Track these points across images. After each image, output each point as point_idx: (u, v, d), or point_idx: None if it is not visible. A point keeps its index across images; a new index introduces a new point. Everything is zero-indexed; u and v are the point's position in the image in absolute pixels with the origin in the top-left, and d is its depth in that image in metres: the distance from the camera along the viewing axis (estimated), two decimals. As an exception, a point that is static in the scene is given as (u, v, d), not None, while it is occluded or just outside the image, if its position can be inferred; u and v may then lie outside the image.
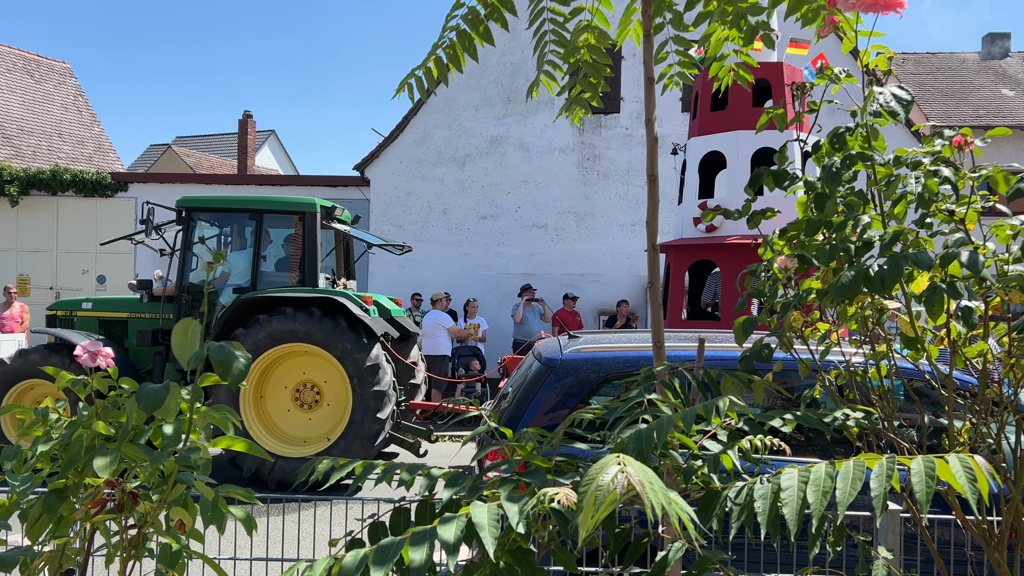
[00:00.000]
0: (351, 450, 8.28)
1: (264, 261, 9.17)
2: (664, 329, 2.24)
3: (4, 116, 25.52)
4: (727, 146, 9.11)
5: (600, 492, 0.96)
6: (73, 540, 1.80)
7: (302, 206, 9.03)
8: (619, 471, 0.99)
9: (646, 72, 2.09)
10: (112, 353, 1.92)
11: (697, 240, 9.11)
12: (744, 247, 8.75)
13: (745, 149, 8.94)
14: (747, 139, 8.89)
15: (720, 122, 9.32)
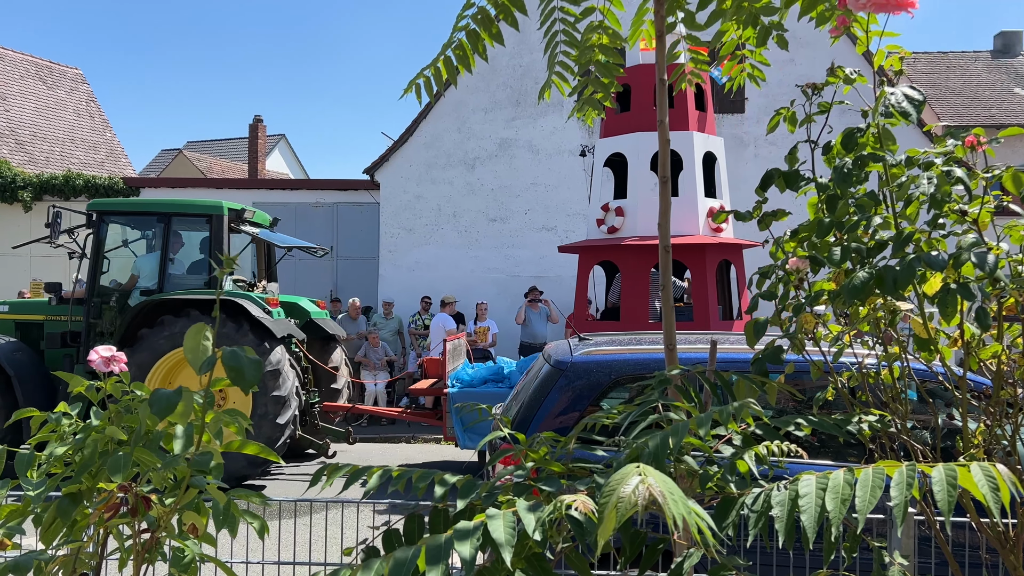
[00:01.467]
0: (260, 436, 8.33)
1: (173, 264, 9.29)
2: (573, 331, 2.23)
3: (17, 122, 25.73)
4: (629, 148, 9.12)
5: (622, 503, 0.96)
6: (87, 544, 1.81)
7: (209, 209, 9.19)
8: (640, 482, 0.99)
9: (658, 73, 2.08)
10: (124, 358, 1.93)
11: (600, 241, 9.11)
12: (642, 248, 8.71)
13: (646, 151, 8.94)
14: (648, 141, 8.90)
15: (624, 124, 9.32)
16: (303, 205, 16.96)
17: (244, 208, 9.51)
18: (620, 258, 9.08)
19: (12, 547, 1.94)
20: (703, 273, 8.69)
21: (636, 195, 9.05)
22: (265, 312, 8.64)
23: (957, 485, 1.13)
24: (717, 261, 9.06)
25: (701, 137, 9.04)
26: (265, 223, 10.14)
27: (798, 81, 2.54)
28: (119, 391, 1.91)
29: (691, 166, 8.97)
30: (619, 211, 9.06)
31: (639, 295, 8.81)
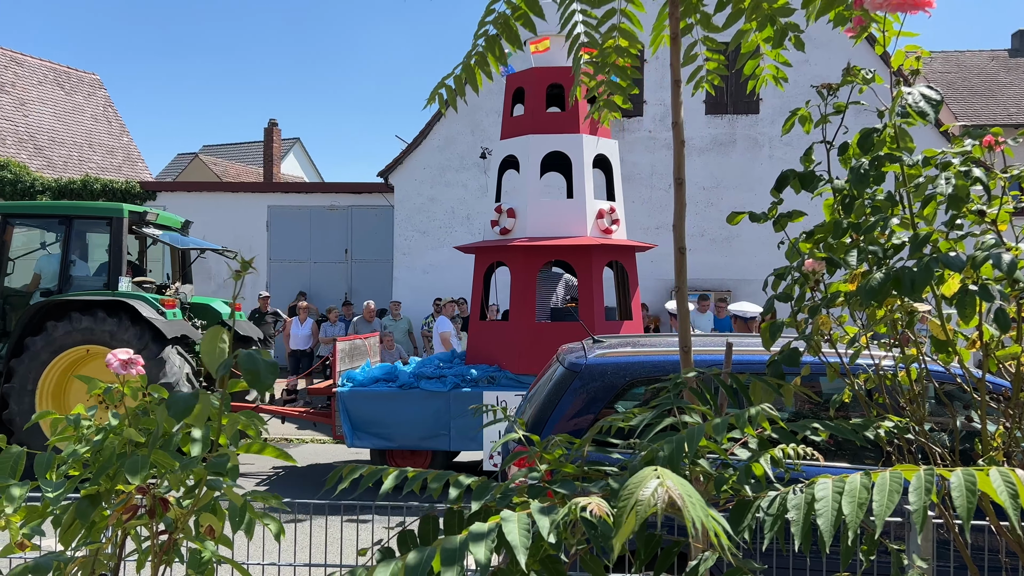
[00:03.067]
0: None
1: (75, 266, 9.43)
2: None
3: (36, 127, 26.02)
4: (520, 150, 9.25)
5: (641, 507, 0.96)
6: (105, 545, 1.82)
7: (109, 212, 9.35)
8: (658, 484, 0.98)
9: (673, 75, 2.08)
10: (143, 360, 1.94)
11: (493, 243, 9.26)
12: (529, 249, 8.82)
13: (536, 153, 9.08)
14: (537, 143, 9.06)
15: (517, 127, 9.45)
16: (318, 208, 17.05)
17: (147, 211, 9.72)
18: (509, 259, 9.23)
19: (32, 548, 1.96)
20: (589, 274, 8.84)
21: (525, 197, 9.19)
22: (159, 313, 8.80)
23: (976, 490, 1.12)
24: (605, 262, 9.22)
25: (591, 140, 9.15)
26: (176, 225, 10.38)
27: (813, 82, 2.53)
28: (137, 394, 1.93)
29: (580, 168, 9.11)
30: (510, 212, 9.22)
31: (527, 296, 8.95)
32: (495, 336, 9.19)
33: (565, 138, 9.01)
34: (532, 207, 9.07)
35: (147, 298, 8.95)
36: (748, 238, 14.53)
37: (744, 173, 15.10)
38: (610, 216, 9.09)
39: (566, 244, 8.74)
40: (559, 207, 9.23)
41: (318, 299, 16.16)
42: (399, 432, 8.01)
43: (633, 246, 9.44)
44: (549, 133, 9.05)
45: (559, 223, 8.92)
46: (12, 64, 26.84)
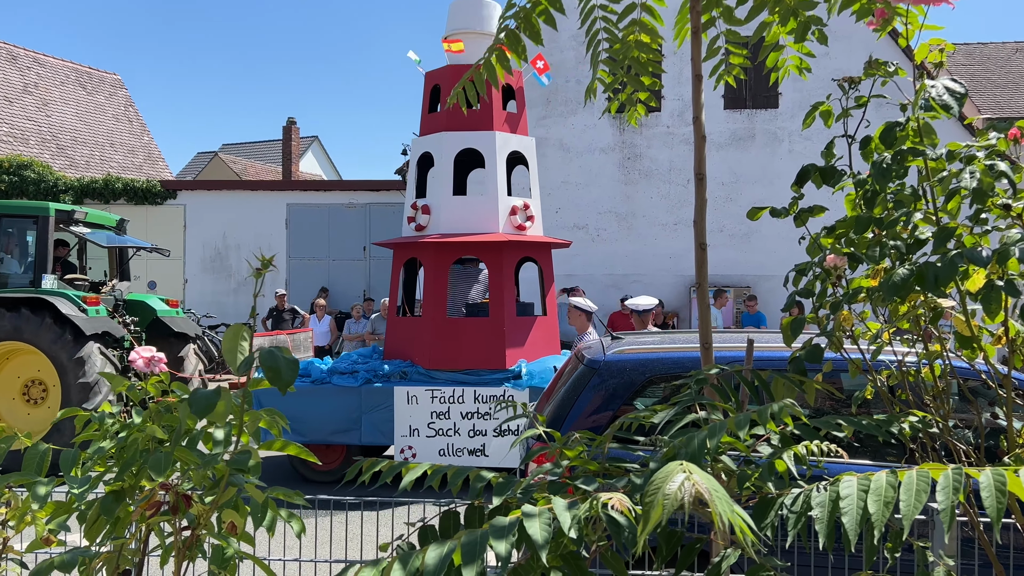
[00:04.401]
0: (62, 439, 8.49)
1: (3, 263, 9.66)
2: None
3: (58, 127, 26.31)
4: (434, 147, 9.37)
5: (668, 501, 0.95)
6: (129, 541, 1.84)
7: (35, 210, 9.57)
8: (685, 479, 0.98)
9: (694, 69, 2.06)
10: (165, 358, 1.96)
11: (408, 239, 9.37)
12: (441, 246, 8.91)
13: (449, 150, 9.18)
14: (450, 140, 9.17)
15: (432, 124, 9.57)
16: (336, 206, 17.12)
17: (74, 209, 9.90)
18: (423, 255, 9.33)
19: (57, 544, 1.99)
20: (499, 270, 8.93)
21: (439, 194, 9.31)
22: (80, 310, 8.95)
23: (1006, 490, 1.10)
24: (517, 259, 9.33)
25: (504, 136, 9.26)
26: (110, 223, 10.59)
27: (833, 75, 2.50)
28: (159, 391, 1.94)
29: (492, 165, 9.19)
30: (425, 209, 9.34)
31: (438, 292, 9.05)
32: (409, 332, 9.28)
33: (478, 135, 9.12)
34: (445, 204, 9.19)
35: (69, 295, 9.13)
36: (767, 234, 14.43)
37: (763, 168, 15.00)
38: (524, 212, 9.20)
39: (476, 240, 8.85)
40: (472, 204, 9.36)
41: (337, 296, 16.25)
42: (311, 427, 8.11)
43: (549, 243, 9.55)
44: (462, 130, 9.16)
45: (471, 220, 9.03)
46: (35, 65, 27.16)
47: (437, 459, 8.16)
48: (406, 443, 8.20)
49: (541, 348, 8.95)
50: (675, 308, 14.90)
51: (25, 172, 17.23)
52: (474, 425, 8.16)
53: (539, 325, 9.02)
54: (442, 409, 8.20)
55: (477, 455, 8.17)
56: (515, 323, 8.80)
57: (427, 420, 8.20)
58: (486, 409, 8.23)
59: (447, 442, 8.21)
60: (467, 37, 9.27)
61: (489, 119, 9.16)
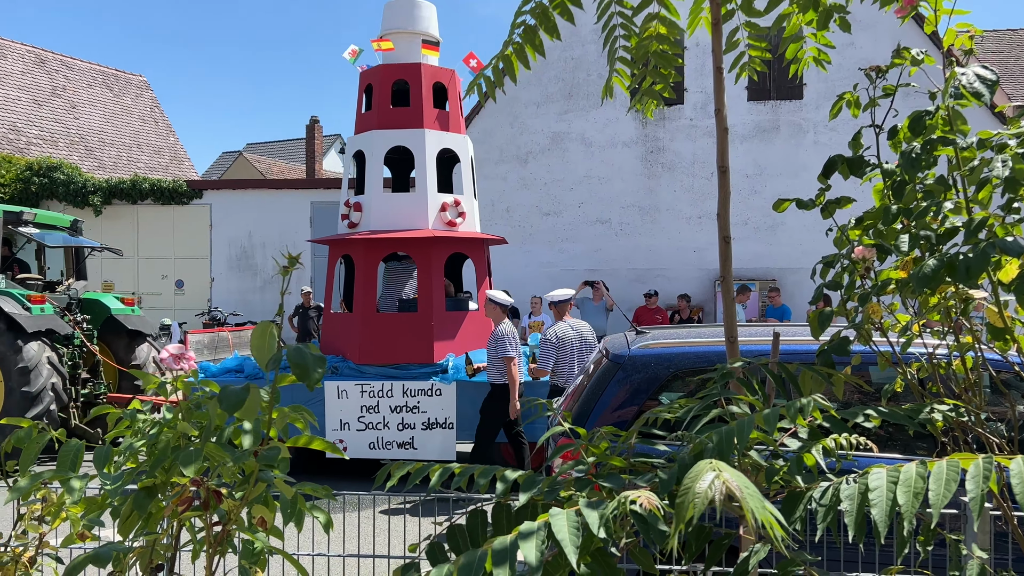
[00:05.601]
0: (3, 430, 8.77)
1: None
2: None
3: (86, 129, 26.69)
4: (366, 145, 9.56)
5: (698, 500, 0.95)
6: (162, 536, 1.87)
7: None
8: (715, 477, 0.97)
9: (715, 61, 2.04)
10: (194, 356, 1.98)
11: (341, 236, 9.53)
12: (371, 242, 9.08)
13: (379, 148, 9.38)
14: (380, 138, 9.36)
15: (364, 122, 9.74)
16: (359, 203, 17.20)
17: (23, 211, 10.18)
18: (353, 252, 9.50)
19: (92, 538, 2.02)
20: (428, 266, 9.01)
21: (370, 192, 9.47)
22: (24, 309, 9.20)
23: (1040, 480, 1.08)
24: (447, 255, 9.46)
25: (434, 134, 9.36)
26: (62, 224, 10.88)
27: (859, 64, 2.47)
28: (188, 388, 1.97)
29: (422, 162, 9.34)
30: (357, 206, 9.52)
31: (368, 287, 9.22)
32: (341, 327, 9.46)
33: (407, 133, 9.28)
34: (375, 201, 9.37)
35: (13, 294, 9.40)
36: (793, 226, 14.29)
37: (788, 160, 14.85)
38: (455, 209, 9.33)
39: (405, 237, 9.00)
40: (402, 201, 9.57)
41: (361, 293, 16.33)
42: None
43: (481, 238, 9.67)
44: (393, 128, 9.33)
45: (401, 216, 9.21)
46: (63, 68, 27.56)
47: (367, 452, 8.30)
48: (337, 437, 8.34)
49: (474, 342, 9.00)
50: (700, 302, 14.80)
51: (55, 174, 17.50)
52: (403, 419, 8.27)
53: (472, 319, 9.09)
54: (371, 403, 8.31)
55: (406, 448, 8.27)
56: (444, 318, 8.97)
57: (357, 414, 8.32)
58: (415, 403, 8.35)
59: (377, 435, 8.31)
60: (399, 36, 9.48)
61: (419, 118, 9.34)
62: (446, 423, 8.22)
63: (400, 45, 9.42)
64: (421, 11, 9.56)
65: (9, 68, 25.80)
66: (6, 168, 17.60)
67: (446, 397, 8.21)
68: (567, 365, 7.65)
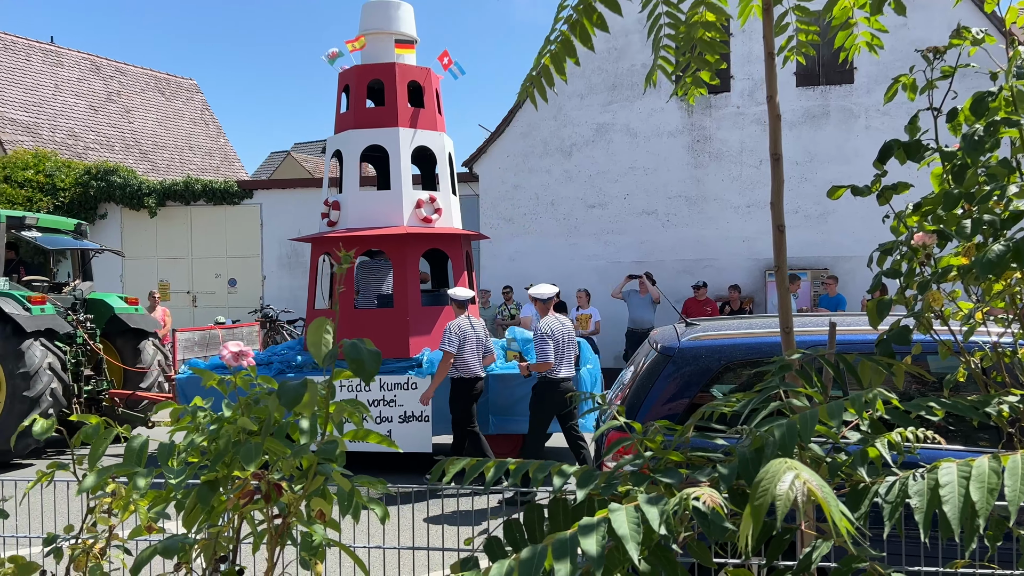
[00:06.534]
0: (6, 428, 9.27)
1: None
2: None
3: (140, 133, 27.38)
4: (343, 145, 9.79)
5: (780, 502, 0.94)
6: (224, 528, 1.92)
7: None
8: (795, 478, 0.96)
9: (766, 47, 2.01)
10: (252, 353, 2.02)
11: (321, 235, 9.78)
12: (346, 240, 9.18)
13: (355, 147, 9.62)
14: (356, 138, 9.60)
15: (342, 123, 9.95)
16: (405, 200, 17.34)
17: (25, 215, 10.67)
18: (332, 250, 9.65)
19: (157, 531, 2.08)
20: (403, 262, 9.23)
21: (347, 190, 9.67)
22: (24, 309, 9.59)
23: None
24: (422, 251, 9.66)
25: (408, 132, 9.56)
26: (66, 227, 11.33)
27: (912, 47, 2.40)
28: (247, 384, 2.01)
29: (396, 161, 9.52)
30: (335, 205, 9.76)
31: (346, 284, 9.42)
32: None
33: (382, 132, 9.52)
34: (352, 199, 9.62)
35: (14, 295, 9.81)
36: (844, 213, 13.97)
37: (839, 146, 14.52)
38: (431, 205, 9.52)
39: (379, 234, 9.20)
40: (377, 198, 9.78)
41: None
42: None
43: (459, 234, 9.82)
44: (368, 127, 9.57)
45: (377, 214, 9.45)
46: (117, 74, 28.32)
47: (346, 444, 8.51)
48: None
49: None
50: (750, 292, 14.58)
51: (112, 177, 18.00)
52: (380, 412, 8.38)
53: (449, 314, 9.16)
54: (349, 397, 8.44)
55: None
56: (420, 313, 9.17)
57: None
58: (391, 396, 8.47)
59: None
60: (374, 36, 9.73)
61: (393, 116, 9.57)
62: (422, 416, 8.36)
63: (377, 45, 9.71)
64: (396, 11, 9.82)
65: (67, 75, 26.61)
66: (66, 173, 18.17)
67: (421, 391, 8.38)
68: (558, 357, 7.85)
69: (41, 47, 26.85)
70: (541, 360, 7.78)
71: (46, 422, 1.99)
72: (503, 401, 8.60)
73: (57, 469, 2.07)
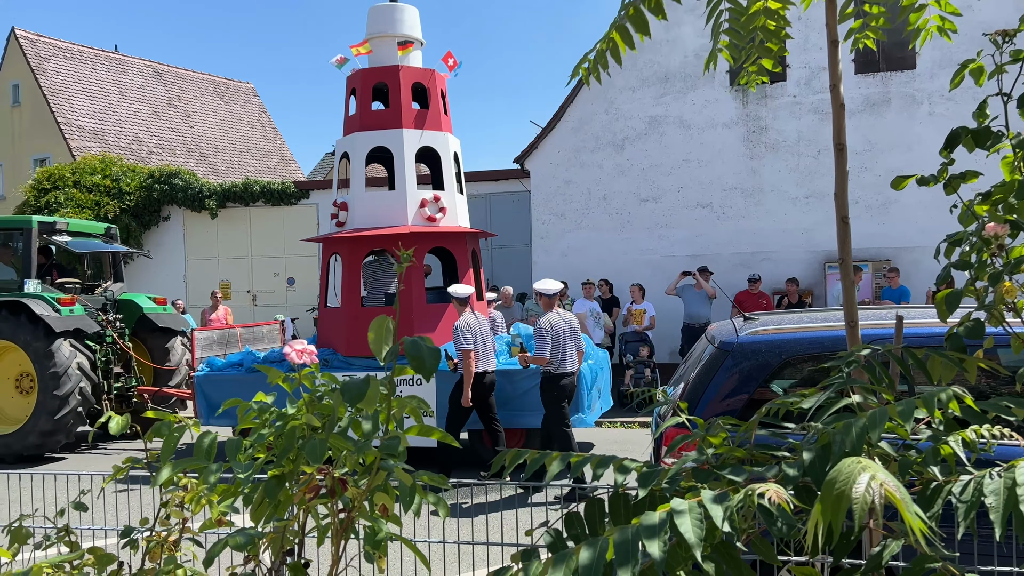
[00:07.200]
0: (39, 425, 9.96)
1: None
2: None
3: (200, 137, 28.11)
4: (351, 147, 9.99)
5: (857, 504, 0.92)
6: (291, 523, 1.96)
7: (21, 224, 10.89)
8: (871, 480, 0.94)
9: (829, 34, 1.96)
10: (315, 350, 2.07)
11: (331, 235, 9.95)
12: (354, 240, 9.46)
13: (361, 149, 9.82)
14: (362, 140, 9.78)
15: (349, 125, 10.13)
16: (458, 197, 17.43)
17: (56, 221, 11.12)
18: (339, 250, 9.93)
19: (227, 524, 2.15)
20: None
21: (354, 191, 9.92)
22: (54, 310, 10.10)
23: None
24: (426, 250, 9.82)
25: (413, 134, 9.78)
26: (96, 231, 11.87)
27: (977, 30, 2.32)
28: (311, 381, 2.06)
29: (401, 161, 9.67)
30: (343, 206, 9.98)
31: (353, 283, 9.66)
32: (332, 322, 9.97)
33: (387, 133, 9.76)
34: (358, 200, 9.88)
35: (45, 297, 10.30)
36: (907, 203, 13.56)
37: (901, 134, 14.09)
38: (435, 205, 9.71)
39: (384, 234, 9.41)
40: (383, 199, 10.01)
41: (462, 286, 16.60)
42: None
43: (464, 233, 9.92)
44: (373, 129, 9.81)
45: (382, 214, 9.68)
46: (178, 80, 29.12)
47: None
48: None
49: None
50: (808, 286, 14.27)
51: (174, 180, 18.53)
52: None
53: (453, 312, 9.23)
54: None
55: None
56: (424, 310, 9.39)
57: None
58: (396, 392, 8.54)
59: None
60: (379, 40, 9.94)
61: (398, 118, 9.78)
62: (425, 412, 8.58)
63: (382, 48, 9.94)
64: (400, 14, 10.05)
65: (130, 82, 27.47)
66: (131, 177, 18.76)
67: (425, 387, 8.50)
68: (560, 352, 7.98)
69: (106, 56, 27.78)
70: (537, 354, 7.94)
71: (121, 419, 2.07)
72: (506, 396, 8.78)
73: (131, 464, 2.14)
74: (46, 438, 10.12)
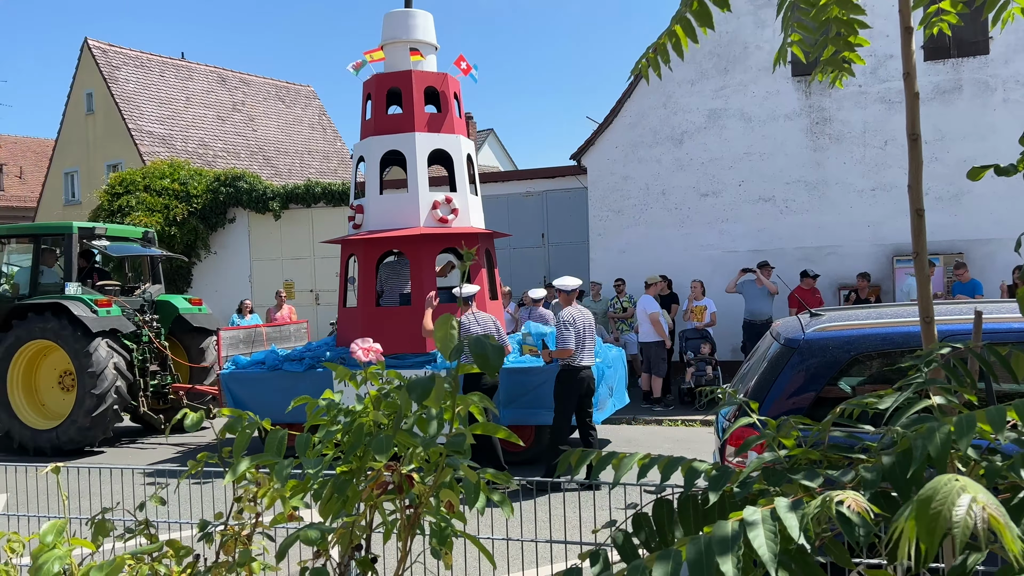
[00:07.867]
0: (78, 420, 10.44)
1: (43, 274, 11.29)
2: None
3: (263, 140, 28.79)
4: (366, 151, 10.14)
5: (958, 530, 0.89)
6: (360, 518, 2.00)
7: (62, 229, 11.31)
8: (972, 502, 0.90)
9: (903, 21, 1.90)
10: (380, 349, 2.10)
11: (348, 237, 10.15)
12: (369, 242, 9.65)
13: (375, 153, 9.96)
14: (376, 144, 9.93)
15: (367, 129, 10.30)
16: (514, 196, 17.49)
17: (95, 226, 11.60)
18: (356, 251, 10.15)
19: (297, 519, 2.19)
20: (419, 261, 9.71)
21: (369, 194, 10.11)
22: (91, 312, 10.53)
23: None
24: (438, 250, 9.95)
25: (425, 137, 9.99)
26: (134, 236, 12.33)
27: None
28: (377, 379, 2.09)
29: (413, 164, 9.83)
30: (359, 208, 10.16)
31: (369, 283, 9.91)
32: (350, 321, 10.23)
33: (400, 137, 9.96)
34: (373, 203, 10.08)
35: (84, 299, 10.75)
36: (981, 194, 13.06)
37: (974, 122, 13.56)
38: (447, 206, 9.88)
39: (397, 235, 9.68)
40: (396, 201, 10.20)
41: (517, 284, 16.63)
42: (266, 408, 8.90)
43: (476, 233, 10.01)
44: (387, 134, 10.00)
45: (396, 216, 9.89)
46: (242, 85, 29.88)
47: None
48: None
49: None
50: (877, 280, 13.86)
51: (239, 183, 19.02)
52: None
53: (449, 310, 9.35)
54: None
55: None
56: (436, 310, 9.55)
57: None
58: None
59: None
60: (393, 47, 10.19)
61: (410, 122, 9.99)
62: None
63: (397, 54, 10.21)
64: (414, 19, 10.27)
65: (196, 88, 28.30)
66: (198, 180, 19.33)
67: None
68: (579, 346, 8.13)
69: (173, 63, 28.67)
70: (562, 347, 8.03)
71: (195, 415, 2.13)
72: (514, 393, 8.83)
73: (207, 460, 2.21)
74: (85, 433, 10.66)
